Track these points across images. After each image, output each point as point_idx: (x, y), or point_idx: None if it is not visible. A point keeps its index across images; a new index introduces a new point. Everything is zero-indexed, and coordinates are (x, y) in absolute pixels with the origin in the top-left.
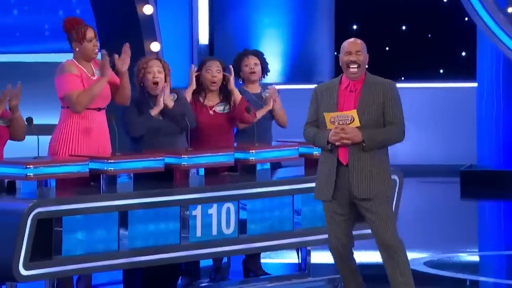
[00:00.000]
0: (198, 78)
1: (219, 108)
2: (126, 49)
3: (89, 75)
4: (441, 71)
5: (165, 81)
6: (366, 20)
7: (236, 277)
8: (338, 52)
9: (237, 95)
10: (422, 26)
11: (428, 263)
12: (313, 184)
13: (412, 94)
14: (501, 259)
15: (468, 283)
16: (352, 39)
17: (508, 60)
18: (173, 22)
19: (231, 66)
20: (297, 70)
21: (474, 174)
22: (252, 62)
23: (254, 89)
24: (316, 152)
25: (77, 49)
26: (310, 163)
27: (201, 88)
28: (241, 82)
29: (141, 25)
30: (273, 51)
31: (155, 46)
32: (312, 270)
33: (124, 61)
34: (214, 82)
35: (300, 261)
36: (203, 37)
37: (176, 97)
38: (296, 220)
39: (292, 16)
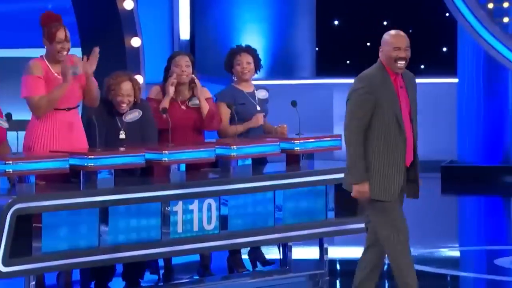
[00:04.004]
0: (167, 73)
1: (192, 103)
2: (95, 52)
3: (56, 74)
4: (422, 66)
5: (135, 98)
6: (347, 16)
7: (220, 273)
8: (320, 47)
9: (204, 105)
10: (403, 21)
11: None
12: (294, 180)
13: None
14: (481, 254)
15: (448, 278)
16: (398, 33)
17: (489, 55)
18: (154, 17)
19: (194, 76)
20: (278, 65)
21: (455, 169)
22: (244, 60)
23: (247, 87)
24: (297, 148)
25: (46, 47)
26: (292, 159)
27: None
28: (234, 78)
29: (121, 20)
30: (254, 46)
31: (135, 42)
32: (293, 266)
33: (91, 64)
34: (183, 76)
35: (281, 257)
36: (184, 32)
37: (140, 113)
38: (278, 216)
39: (273, 11)
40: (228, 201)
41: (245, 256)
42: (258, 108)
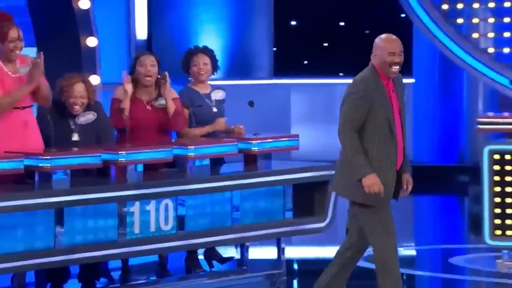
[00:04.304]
0: (133, 74)
1: (158, 103)
2: (41, 56)
3: (10, 73)
4: None
5: (89, 99)
6: (305, 16)
7: (177, 274)
8: (277, 47)
9: (170, 105)
10: (359, 22)
11: (365, 258)
12: (252, 180)
13: None
14: (437, 253)
15: (404, 277)
16: (392, 38)
17: (444, 56)
18: (110, 17)
19: (166, 73)
20: (236, 65)
21: (412, 169)
22: (201, 61)
23: (204, 88)
24: (255, 148)
25: None
26: (249, 159)
27: (137, 84)
28: (190, 79)
29: (77, 20)
30: (212, 46)
31: (91, 41)
32: (250, 266)
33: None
34: (148, 76)
35: (239, 257)
36: (141, 32)
37: (95, 116)
38: (235, 216)
39: (231, 11)
40: (185, 201)
41: (201, 257)
42: (215, 110)
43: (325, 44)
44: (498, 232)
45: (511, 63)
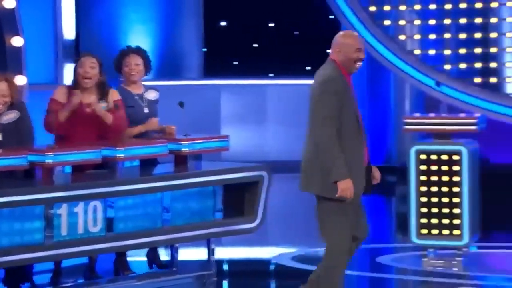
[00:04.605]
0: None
1: (98, 106)
2: None
3: None
4: (308, 68)
5: (12, 98)
6: (235, 17)
7: (106, 276)
8: (207, 48)
9: (107, 118)
10: (289, 23)
11: (296, 258)
12: (182, 181)
13: (280, 91)
14: (364, 252)
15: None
16: (355, 34)
17: (372, 57)
18: (37, 16)
19: (103, 78)
20: (165, 66)
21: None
22: (132, 62)
23: (136, 89)
24: (185, 148)
25: None
26: (180, 160)
27: (77, 85)
28: (122, 79)
29: (1, 19)
30: (141, 47)
31: (17, 41)
32: (180, 267)
33: None
34: (87, 78)
35: (169, 258)
36: (68, 32)
37: (18, 115)
38: (165, 217)
39: (160, 11)
40: (114, 203)
41: (139, 258)
42: (146, 111)
43: (255, 45)
44: (424, 231)
45: (437, 64)
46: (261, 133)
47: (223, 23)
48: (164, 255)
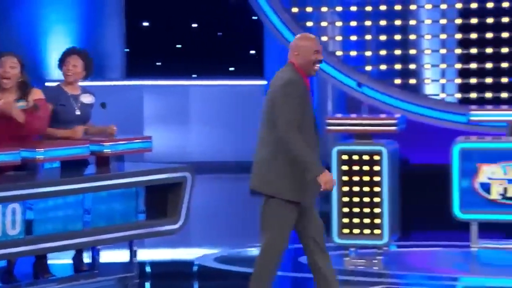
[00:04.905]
0: None
1: (18, 105)
2: None
3: None
4: (231, 69)
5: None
6: (157, 17)
7: (25, 279)
8: (130, 48)
9: (19, 117)
10: (212, 24)
11: (219, 259)
12: (104, 182)
13: (203, 92)
14: (287, 252)
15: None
16: (312, 37)
17: None
18: None
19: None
20: None
21: None
22: (71, 62)
23: (73, 89)
24: (107, 150)
25: None
26: (101, 161)
27: None
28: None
29: None
30: (61, 47)
31: None
32: (102, 270)
33: None
34: (6, 78)
35: (90, 261)
36: None
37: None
38: (86, 219)
39: (80, 11)
40: (33, 205)
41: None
42: (78, 113)
43: (178, 46)
44: (346, 230)
45: (358, 66)
46: (184, 134)
47: (145, 23)
48: (87, 258)
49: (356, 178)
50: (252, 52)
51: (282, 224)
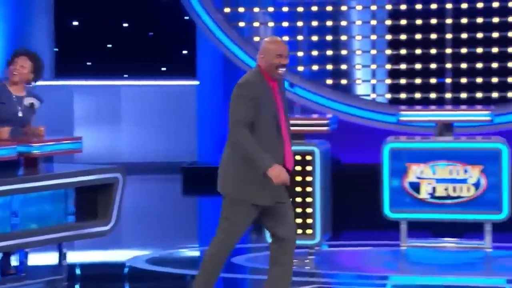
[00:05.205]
0: None
1: None
2: None
3: None
4: (163, 69)
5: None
6: (87, 16)
7: None
8: (59, 48)
9: None
10: (143, 24)
11: (150, 260)
12: (32, 184)
13: (135, 92)
14: None
15: (188, 278)
16: (278, 40)
17: (228, 59)
18: None
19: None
20: None
21: (196, 170)
22: (19, 63)
23: (17, 90)
24: (35, 151)
25: None
26: (30, 162)
27: None
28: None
29: None
30: None
31: None
32: (30, 273)
33: None
34: None
35: (18, 264)
36: None
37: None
38: (14, 221)
39: (8, 9)
40: None
41: None
42: (20, 114)
43: (109, 45)
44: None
45: (290, 66)
46: (116, 135)
47: (75, 22)
48: (15, 261)
49: (298, 179)
50: (185, 52)
51: (233, 224)
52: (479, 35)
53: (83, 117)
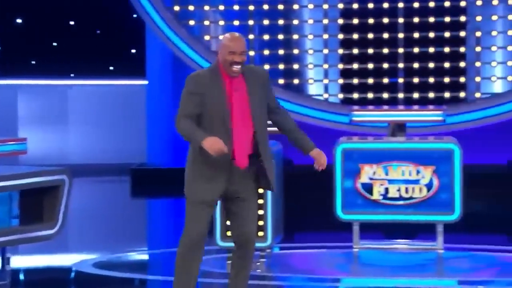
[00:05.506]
0: None
1: None
2: None
3: None
4: (111, 68)
5: None
6: (32, 14)
7: None
8: (2, 46)
9: None
10: (90, 22)
11: (97, 264)
12: None
13: (82, 92)
14: (171, 256)
15: (137, 282)
16: (235, 37)
17: (177, 57)
18: None
19: None
20: None
21: (145, 172)
22: None
23: None
24: None
25: None
26: None
27: None
28: None
29: None
30: None
31: None
32: None
33: None
34: None
35: None
36: None
37: None
38: None
39: None
40: None
41: None
42: None
43: (55, 44)
44: (229, 233)
45: None
46: (62, 135)
47: (19, 20)
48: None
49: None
50: (133, 51)
51: (190, 221)
52: (431, 34)
53: (27, 117)
